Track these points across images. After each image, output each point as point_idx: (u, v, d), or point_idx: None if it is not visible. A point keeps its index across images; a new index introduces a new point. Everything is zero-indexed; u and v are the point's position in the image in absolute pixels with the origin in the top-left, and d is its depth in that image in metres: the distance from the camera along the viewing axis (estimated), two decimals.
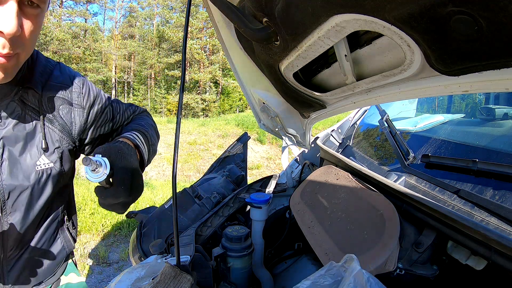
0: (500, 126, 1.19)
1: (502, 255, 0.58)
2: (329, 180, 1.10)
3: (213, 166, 1.82)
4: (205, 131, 14.82)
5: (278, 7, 0.61)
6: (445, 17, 0.37)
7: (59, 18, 26.98)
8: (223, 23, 0.96)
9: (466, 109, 1.75)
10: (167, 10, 31.14)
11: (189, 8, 0.64)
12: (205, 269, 0.94)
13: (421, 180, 0.97)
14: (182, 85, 0.66)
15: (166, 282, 0.53)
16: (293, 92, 1.02)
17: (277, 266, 1.35)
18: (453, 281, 0.77)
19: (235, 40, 0.99)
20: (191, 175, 11.22)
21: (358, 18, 0.50)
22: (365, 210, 0.84)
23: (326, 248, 0.84)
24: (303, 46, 0.69)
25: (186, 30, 0.64)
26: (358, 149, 1.47)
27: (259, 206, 1.22)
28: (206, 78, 27.85)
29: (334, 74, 0.89)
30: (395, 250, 0.71)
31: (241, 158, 1.85)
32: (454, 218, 0.67)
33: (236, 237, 1.06)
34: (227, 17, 0.72)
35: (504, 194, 0.75)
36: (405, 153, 1.10)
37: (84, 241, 3.87)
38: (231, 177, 1.70)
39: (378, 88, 0.75)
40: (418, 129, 1.30)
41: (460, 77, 0.49)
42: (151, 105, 30.11)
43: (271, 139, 13.63)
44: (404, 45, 0.51)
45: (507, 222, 0.68)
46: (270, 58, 0.86)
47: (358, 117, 1.77)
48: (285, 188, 1.51)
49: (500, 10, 0.32)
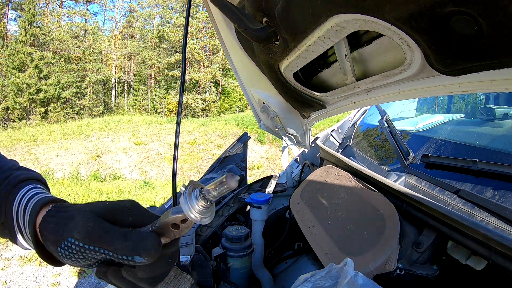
0: (500, 126, 1.19)
1: (502, 255, 0.58)
2: (329, 180, 1.10)
3: (213, 166, 1.82)
4: (205, 131, 14.82)
5: (278, 7, 0.61)
6: (445, 17, 0.37)
7: (59, 18, 26.99)
8: (223, 23, 0.96)
9: (466, 109, 1.75)
10: (167, 10, 31.13)
11: (189, 8, 0.64)
12: (205, 269, 0.94)
13: (421, 180, 0.97)
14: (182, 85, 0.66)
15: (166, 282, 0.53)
16: (293, 92, 1.02)
17: (277, 266, 1.35)
18: (453, 281, 0.77)
19: (235, 40, 0.99)
20: (191, 175, 11.22)
21: (358, 18, 0.50)
22: (365, 210, 0.84)
23: (326, 248, 0.84)
24: (303, 46, 0.69)
25: (186, 30, 0.64)
26: (358, 149, 1.47)
27: (259, 206, 1.22)
28: (206, 78, 27.85)
29: (334, 74, 0.89)
30: (395, 250, 0.71)
31: (241, 158, 1.85)
32: (454, 218, 0.67)
33: (236, 237, 1.06)
34: (227, 17, 0.72)
35: (504, 194, 0.75)
36: (405, 153, 1.10)
37: None
38: None
39: (378, 88, 0.75)
40: (418, 129, 1.30)
41: (460, 77, 0.49)
42: (151, 105, 30.12)
43: (271, 139, 13.63)
44: (404, 45, 0.51)
45: (507, 222, 0.68)
46: (270, 58, 0.86)
47: (358, 117, 1.77)
48: (285, 188, 1.51)
49: (500, 10, 0.32)
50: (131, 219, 0.44)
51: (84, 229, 0.40)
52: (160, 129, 15.95)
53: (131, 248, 0.39)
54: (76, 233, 0.40)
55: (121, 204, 0.44)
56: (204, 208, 0.39)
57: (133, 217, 0.44)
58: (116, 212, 0.43)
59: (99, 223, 0.41)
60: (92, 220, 0.41)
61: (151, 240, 0.40)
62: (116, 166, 12.11)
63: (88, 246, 0.40)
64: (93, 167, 11.87)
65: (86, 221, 0.40)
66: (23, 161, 12.04)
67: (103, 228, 0.40)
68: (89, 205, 0.43)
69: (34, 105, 23.99)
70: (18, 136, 14.75)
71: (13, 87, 22.91)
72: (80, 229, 0.40)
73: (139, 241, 0.39)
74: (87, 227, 0.40)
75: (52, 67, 24.08)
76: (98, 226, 0.40)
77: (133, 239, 0.40)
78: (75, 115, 25.32)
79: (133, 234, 0.40)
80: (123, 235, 0.40)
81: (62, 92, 24.33)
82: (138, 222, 0.44)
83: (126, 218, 0.43)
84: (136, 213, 0.44)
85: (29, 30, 23.39)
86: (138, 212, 0.45)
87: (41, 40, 24.39)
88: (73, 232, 0.40)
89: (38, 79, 23.52)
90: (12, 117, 23.86)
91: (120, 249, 0.39)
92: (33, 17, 23.78)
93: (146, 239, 0.40)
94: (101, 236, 0.40)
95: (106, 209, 0.43)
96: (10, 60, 23.34)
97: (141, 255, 0.38)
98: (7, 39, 25.18)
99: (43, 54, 23.80)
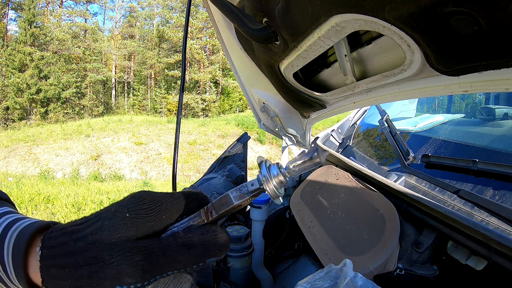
0: (500, 126, 1.19)
1: (502, 255, 0.58)
2: (329, 180, 1.10)
3: (213, 166, 1.82)
4: (205, 131, 14.83)
5: (278, 7, 0.61)
6: (445, 17, 0.37)
7: (59, 18, 27.00)
8: (223, 23, 0.96)
9: (466, 109, 1.75)
10: (167, 10, 31.14)
11: (189, 8, 0.64)
12: (205, 269, 0.94)
13: (421, 180, 0.97)
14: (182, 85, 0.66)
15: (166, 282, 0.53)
16: (293, 92, 1.02)
17: (277, 266, 1.35)
18: (453, 281, 0.77)
19: (235, 40, 0.99)
20: (191, 175, 11.23)
21: (358, 18, 0.50)
22: (365, 210, 0.84)
23: (326, 248, 0.84)
24: (303, 46, 0.69)
25: (186, 30, 0.64)
26: (358, 149, 1.47)
27: (259, 206, 1.22)
28: (206, 78, 27.86)
29: (334, 74, 0.89)
30: (395, 250, 0.71)
31: (241, 158, 1.85)
32: (454, 218, 0.67)
33: (236, 237, 1.06)
34: (227, 17, 0.72)
35: (504, 194, 0.75)
36: (405, 153, 1.10)
37: None
38: (231, 177, 1.70)
39: (378, 88, 0.75)
40: (418, 129, 1.30)
41: (460, 77, 0.49)
42: (151, 105, 30.13)
43: (271, 139, 13.64)
44: (404, 45, 0.51)
45: (507, 222, 0.68)
46: (270, 58, 0.86)
47: (358, 117, 1.77)
48: (285, 188, 1.51)
49: (500, 10, 0.32)
50: (163, 215, 0.33)
51: (134, 267, 0.29)
52: (160, 129, 15.97)
53: (201, 254, 0.32)
54: (126, 277, 0.29)
55: (137, 204, 0.32)
56: (280, 184, 0.35)
57: (160, 212, 0.33)
58: (144, 218, 0.32)
59: (145, 250, 0.30)
60: (136, 249, 0.30)
61: (220, 235, 0.34)
62: (116, 166, 12.12)
63: (147, 282, 0.30)
64: (93, 167, 11.87)
65: (130, 256, 0.29)
66: (23, 161, 12.04)
67: (152, 251, 0.30)
68: (111, 229, 0.30)
69: (34, 105, 24.01)
70: (18, 136, 14.76)
71: (13, 87, 22.94)
72: (129, 270, 0.29)
73: (204, 243, 0.32)
74: (136, 263, 0.29)
75: (52, 67, 24.10)
76: (147, 254, 0.30)
77: (195, 242, 0.32)
78: (75, 115, 25.34)
79: (192, 236, 0.32)
80: (182, 245, 0.32)
81: (62, 92, 24.35)
82: (168, 213, 0.34)
83: (159, 217, 0.33)
84: (160, 205, 0.33)
85: (29, 30, 23.40)
86: (160, 203, 0.33)
87: (41, 40, 24.41)
88: (121, 277, 0.29)
89: (38, 79, 23.54)
90: (12, 117, 23.88)
91: (188, 261, 0.32)
92: (33, 17, 23.80)
93: (216, 236, 0.33)
94: (160, 261, 0.30)
95: (134, 225, 0.31)
96: (10, 60, 23.37)
97: (216, 255, 0.33)
98: (7, 39, 25.19)
99: (43, 54, 23.81)
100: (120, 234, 0.30)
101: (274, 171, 0.35)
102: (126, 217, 0.31)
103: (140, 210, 0.31)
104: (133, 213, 0.31)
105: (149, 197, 0.33)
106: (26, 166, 11.71)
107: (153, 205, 0.32)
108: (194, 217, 0.35)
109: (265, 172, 0.35)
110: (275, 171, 0.35)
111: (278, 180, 0.35)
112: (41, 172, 11.12)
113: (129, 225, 0.30)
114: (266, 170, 0.35)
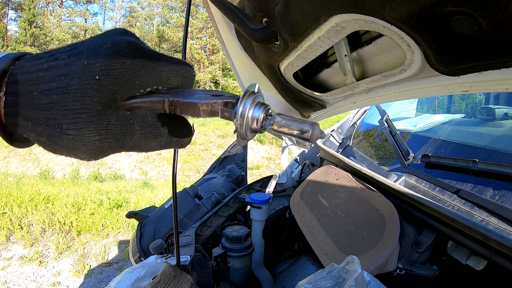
0: (500, 126, 1.19)
1: (502, 255, 0.58)
2: (329, 180, 1.10)
3: (213, 166, 1.82)
4: (205, 131, 14.82)
5: (278, 7, 0.61)
6: (445, 17, 0.37)
7: (59, 18, 27.00)
8: (223, 23, 0.96)
9: (466, 109, 1.75)
10: (167, 10, 31.15)
11: (189, 8, 0.64)
12: (205, 269, 0.94)
13: (421, 180, 0.97)
14: None
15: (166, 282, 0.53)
16: (293, 92, 1.02)
17: (277, 266, 1.35)
18: (453, 281, 0.77)
19: (235, 40, 0.99)
20: (191, 175, 11.23)
21: (358, 18, 0.50)
22: (365, 210, 0.84)
23: (326, 248, 0.84)
24: (303, 46, 0.69)
25: (186, 30, 0.64)
26: (358, 149, 1.47)
27: (259, 206, 1.22)
28: (206, 78, 27.85)
29: (334, 74, 0.89)
30: (395, 250, 0.71)
31: (241, 158, 1.85)
32: (454, 218, 0.67)
33: (236, 237, 1.06)
34: (227, 17, 0.72)
35: (504, 194, 0.75)
36: (405, 153, 1.10)
37: (84, 241, 3.87)
38: (231, 177, 1.70)
39: (378, 88, 0.75)
40: (418, 129, 1.30)
41: (460, 77, 0.49)
42: None
43: (271, 139, 13.63)
44: (404, 45, 0.51)
45: (507, 222, 0.68)
46: (270, 58, 0.86)
47: (358, 117, 1.77)
48: (285, 188, 1.51)
49: (500, 10, 0.32)
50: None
51: (88, 147, 0.28)
52: None
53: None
54: (79, 154, 0.29)
55: (114, 63, 0.28)
56: (254, 129, 0.29)
57: (135, 77, 0.29)
58: (114, 81, 0.29)
59: (106, 132, 0.29)
60: (95, 128, 0.28)
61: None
62: (116, 166, 12.12)
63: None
64: (93, 167, 11.87)
65: (87, 135, 0.28)
66: (23, 161, 12.04)
67: (115, 135, 0.29)
68: (77, 93, 0.27)
69: None
70: None
71: None
72: (83, 149, 0.28)
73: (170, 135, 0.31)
74: (92, 143, 0.28)
75: None
76: (105, 135, 0.29)
77: (162, 133, 0.31)
78: None
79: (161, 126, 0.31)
80: (150, 134, 0.31)
81: None
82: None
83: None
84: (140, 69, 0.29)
85: (29, 30, 23.40)
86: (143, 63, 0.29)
87: (41, 40, 24.41)
88: (75, 152, 0.28)
89: None
90: None
91: (150, 148, 0.31)
92: (33, 17, 23.81)
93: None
94: (119, 144, 0.30)
95: (100, 90, 0.28)
96: None
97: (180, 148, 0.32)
98: (7, 39, 25.18)
99: None
100: (84, 101, 0.27)
101: (257, 113, 0.28)
102: (95, 79, 0.27)
103: (115, 71, 0.28)
104: (104, 74, 0.28)
105: (131, 54, 0.29)
106: (26, 166, 11.72)
107: (133, 66, 0.29)
108: (156, 102, 0.30)
109: (247, 106, 0.28)
110: (257, 114, 0.28)
111: (255, 126, 0.29)
112: (41, 172, 11.12)
113: (95, 89, 0.27)
114: (249, 105, 0.28)
